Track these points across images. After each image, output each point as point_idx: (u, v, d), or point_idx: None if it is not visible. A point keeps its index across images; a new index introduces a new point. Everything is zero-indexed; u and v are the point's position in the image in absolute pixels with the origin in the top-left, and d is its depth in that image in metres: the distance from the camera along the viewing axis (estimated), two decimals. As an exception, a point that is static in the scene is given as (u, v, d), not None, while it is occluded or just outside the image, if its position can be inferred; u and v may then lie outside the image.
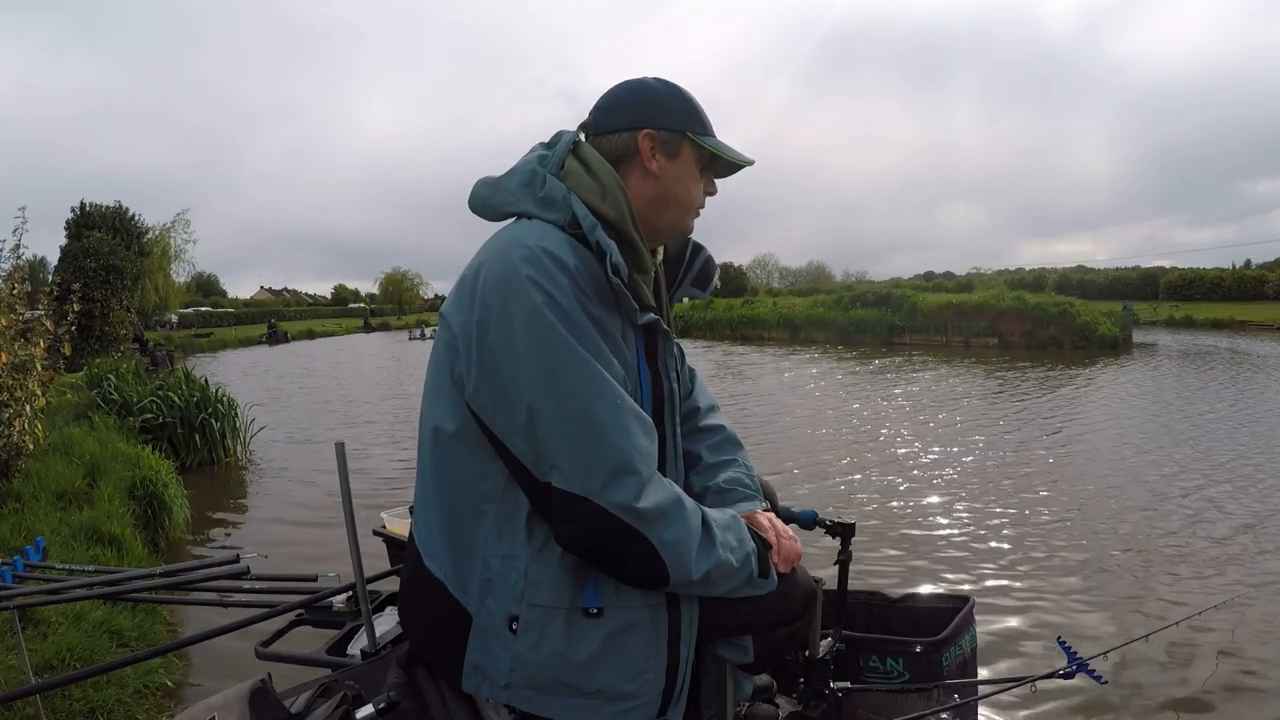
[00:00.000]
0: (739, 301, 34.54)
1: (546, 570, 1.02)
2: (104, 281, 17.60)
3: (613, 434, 0.97)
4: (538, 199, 1.10)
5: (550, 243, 1.02)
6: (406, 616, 1.19)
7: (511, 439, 1.00)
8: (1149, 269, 52.51)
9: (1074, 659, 1.60)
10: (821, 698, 1.58)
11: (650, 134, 1.13)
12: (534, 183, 1.11)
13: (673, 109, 1.15)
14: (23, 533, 4.01)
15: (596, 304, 1.03)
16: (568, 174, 1.12)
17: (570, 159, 1.13)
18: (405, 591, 1.18)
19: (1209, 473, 6.63)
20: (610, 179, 1.10)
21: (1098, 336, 21.73)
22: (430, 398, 1.10)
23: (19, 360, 4.80)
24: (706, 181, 1.21)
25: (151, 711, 2.85)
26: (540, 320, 0.97)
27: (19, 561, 2.48)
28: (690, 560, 0.99)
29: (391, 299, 70.12)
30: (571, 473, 0.96)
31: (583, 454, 0.96)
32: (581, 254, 1.04)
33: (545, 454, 0.97)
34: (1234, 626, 3.51)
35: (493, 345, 0.99)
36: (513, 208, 1.12)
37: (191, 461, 7.84)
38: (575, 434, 0.96)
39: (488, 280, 1.01)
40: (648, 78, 1.18)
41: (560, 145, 1.15)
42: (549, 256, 1.00)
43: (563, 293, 0.99)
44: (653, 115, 1.14)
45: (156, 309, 33.64)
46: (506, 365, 0.98)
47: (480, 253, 1.09)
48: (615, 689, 1.02)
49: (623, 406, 0.99)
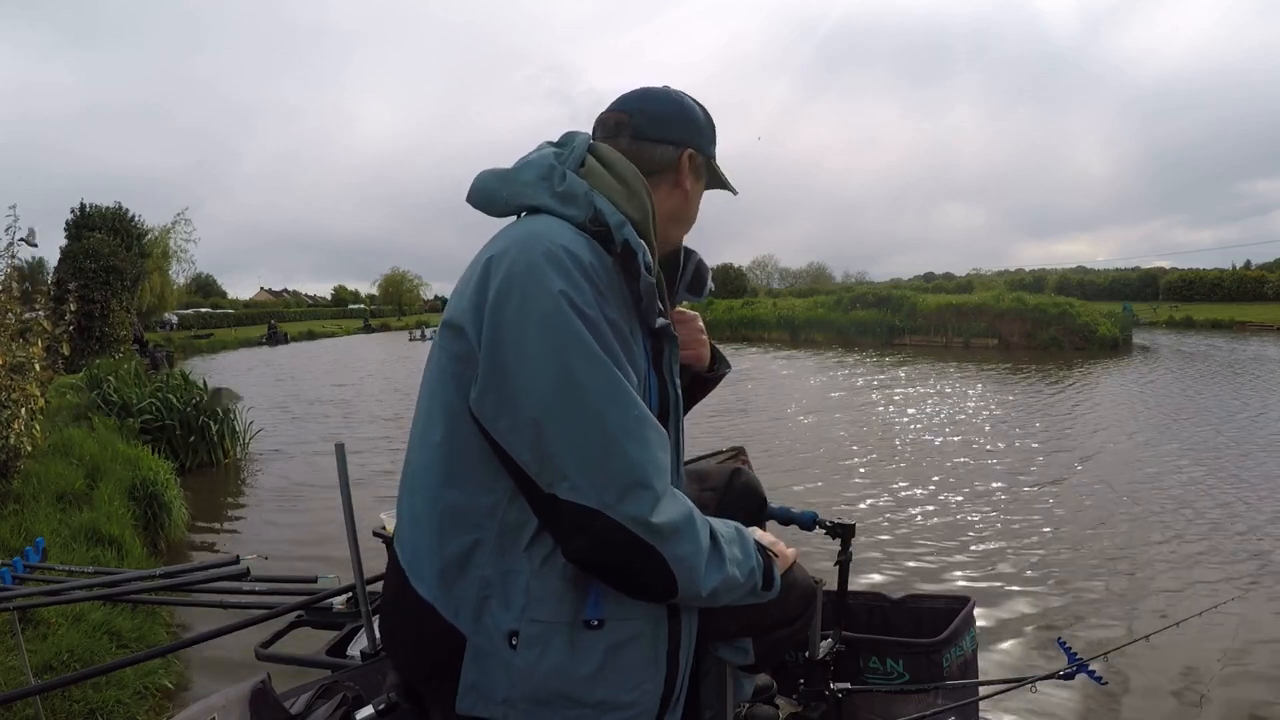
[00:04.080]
0: (739, 302, 34.57)
1: (549, 584, 0.99)
2: (104, 282, 17.61)
3: (629, 445, 0.93)
4: (556, 193, 1.05)
5: (570, 241, 0.98)
6: (391, 636, 1.13)
7: (516, 447, 0.95)
8: (1149, 270, 52.59)
9: (1074, 659, 1.60)
10: (821, 698, 1.58)
11: (692, 154, 1.17)
12: (552, 177, 1.06)
13: (706, 134, 1.21)
14: (22, 534, 4.01)
15: (614, 307, 0.99)
16: (588, 173, 1.08)
17: (590, 159, 1.10)
18: (390, 612, 1.12)
19: (1210, 473, 6.63)
20: (637, 182, 1.08)
21: (1098, 337, 21.74)
22: (426, 409, 1.05)
23: (16, 361, 4.80)
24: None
25: (151, 712, 2.85)
26: (560, 321, 0.93)
27: (19, 562, 2.48)
28: (700, 576, 0.97)
29: (391, 300, 70.14)
30: (584, 484, 0.92)
31: (597, 465, 0.92)
32: (600, 254, 1.00)
33: (553, 464, 0.93)
34: (1235, 626, 3.50)
35: (505, 345, 0.95)
36: (526, 200, 1.07)
37: (191, 463, 7.84)
38: (590, 443, 0.92)
39: (506, 276, 0.96)
40: (682, 94, 1.21)
41: (578, 144, 1.12)
42: (570, 256, 0.96)
43: (583, 294, 0.95)
44: (695, 135, 1.19)
45: (156, 310, 33.65)
46: (519, 367, 0.94)
47: (492, 244, 1.04)
48: (615, 699, 1.00)
49: (641, 417, 0.95)
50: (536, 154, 1.12)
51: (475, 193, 1.12)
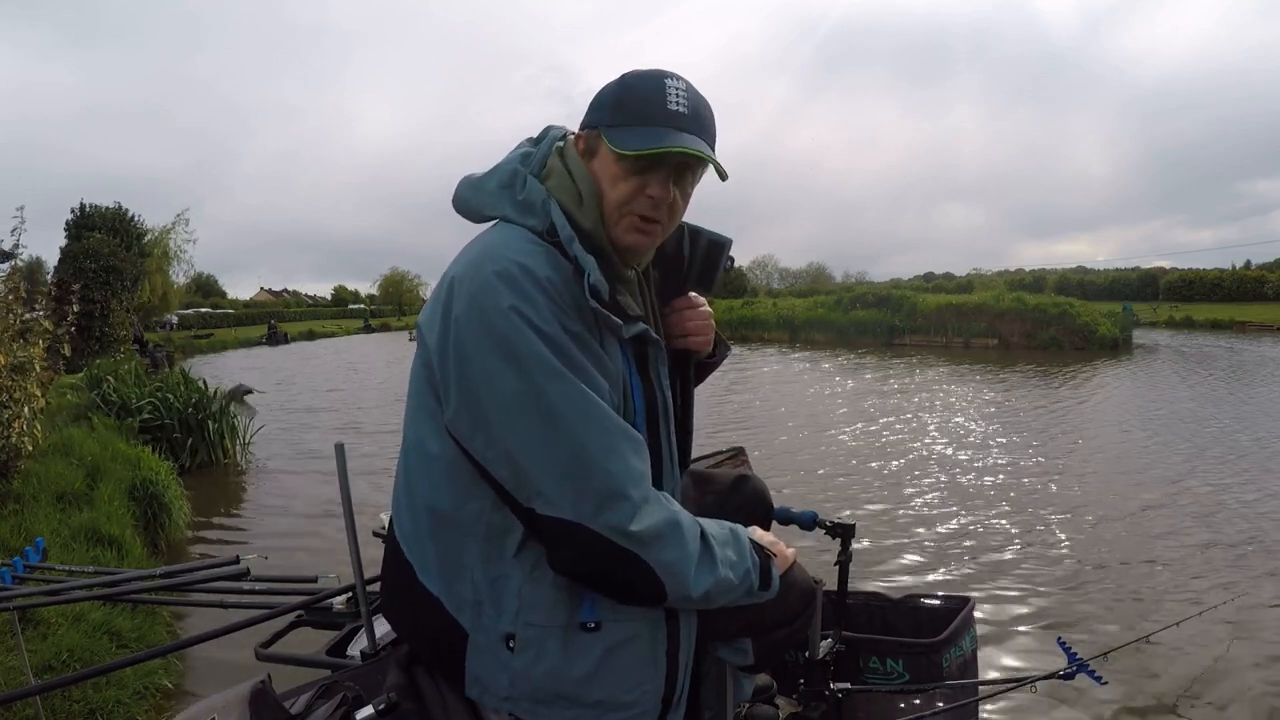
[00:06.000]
0: (739, 302, 34.54)
1: (541, 588, 1.00)
2: (104, 282, 17.61)
3: (601, 457, 0.93)
4: (516, 202, 1.05)
5: (524, 255, 0.97)
6: (401, 623, 1.15)
7: (493, 465, 0.96)
8: (1149, 270, 52.64)
9: (1074, 659, 1.61)
10: (821, 698, 1.58)
11: (580, 135, 1.08)
12: (514, 184, 1.06)
13: (605, 107, 1.05)
14: (22, 534, 4.00)
15: (575, 319, 0.98)
16: (549, 173, 1.07)
17: (554, 158, 1.08)
18: (397, 600, 1.13)
19: (1210, 473, 6.63)
20: (586, 184, 1.05)
21: (1098, 337, 21.74)
22: (412, 415, 1.06)
23: (18, 361, 4.80)
24: (654, 182, 1.03)
25: (151, 713, 2.84)
26: (516, 340, 0.92)
27: (19, 562, 2.48)
28: (689, 579, 0.97)
29: (391, 300, 70.13)
30: (559, 499, 0.93)
31: (570, 480, 0.93)
32: (558, 264, 0.99)
33: (528, 481, 0.94)
34: (1235, 627, 3.51)
35: (469, 368, 0.95)
36: (492, 210, 1.08)
37: (191, 463, 7.83)
38: (560, 459, 0.92)
39: (460, 297, 0.96)
40: (626, 75, 1.09)
41: (545, 143, 1.11)
42: (522, 271, 0.95)
43: (538, 311, 0.94)
44: (594, 113, 1.06)
45: (156, 310, 33.65)
46: (484, 388, 0.94)
47: (454, 263, 1.03)
48: (614, 700, 1.01)
49: (610, 427, 0.95)
50: (506, 158, 1.12)
51: (456, 201, 1.14)
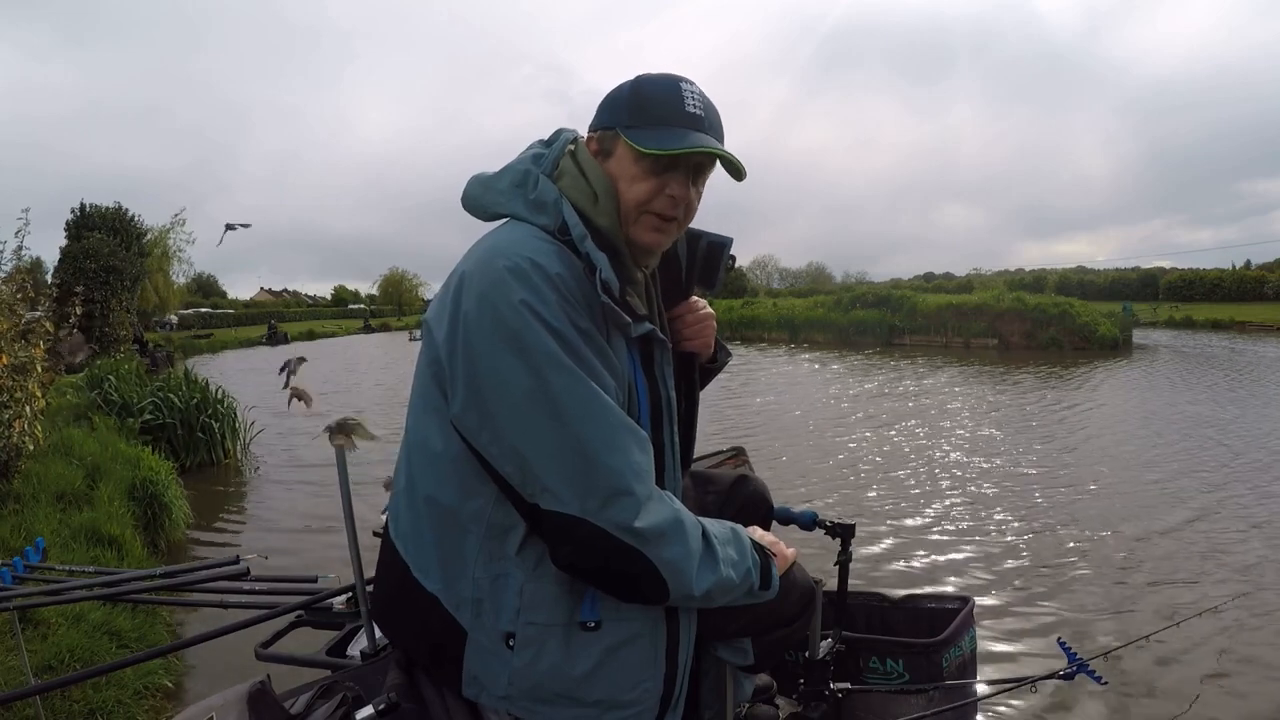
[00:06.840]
0: (739, 302, 34.55)
1: (543, 586, 1.00)
2: (104, 283, 17.65)
3: (606, 453, 0.94)
4: (528, 201, 1.06)
5: (535, 251, 0.98)
6: (395, 627, 1.14)
7: (498, 460, 0.96)
8: (1149, 270, 52.56)
9: (1074, 659, 1.61)
10: (821, 698, 1.58)
11: (593, 136, 1.10)
12: (526, 183, 1.08)
13: (620, 108, 1.07)
14: (22, 533, 4.00)
15: (584, 316, 0.99)
16: (561, 174, 1.09)
17: (566, 159, 1.10)
18: (391, 602, 1.12)
19: (1210, 474, 6.63)
20: (601, 184, 1.06)
21: (1098, 337, 21.73)
22: (416, 412, 1.06)
23: (19, 362, 4.81)
24: (674, 181, 1.06)
25: (151, 713, 2.84)
26: (528, 335, 0.93)
27: (19, 562, 2.47)
28: (691, 578, 0.97)
29: (391, 300, 70.16)
30: (565, 495, 0.93)
31: (577, 475, 0.93)
32: (569, 262, 1.00)
33: (534, 476, 0.94)
34: (1235, 627, 3.50)
35: (477, 363, 0.95)
36: (503, 209, 1.09)
37: (191, 463, 7.84)
38: (567, 454, 0.93)
39: (470, 293, 0.97)
40: (638, 77, 1.12)
41: (557, 144, 1.12)
42: (534, 267, 0.96)
43: (548, 306, 0.95)
44: (607, 113, 1.09)
45: (158, 310, 33.66)
46: (492, 382, 0.95)
47: (464, 259, 1.04)
48: (614, 699, 1.01)
49: (615, 423, 0.96)
50: (518, 158, 1.13)
51: (465, 199, 1.15)
